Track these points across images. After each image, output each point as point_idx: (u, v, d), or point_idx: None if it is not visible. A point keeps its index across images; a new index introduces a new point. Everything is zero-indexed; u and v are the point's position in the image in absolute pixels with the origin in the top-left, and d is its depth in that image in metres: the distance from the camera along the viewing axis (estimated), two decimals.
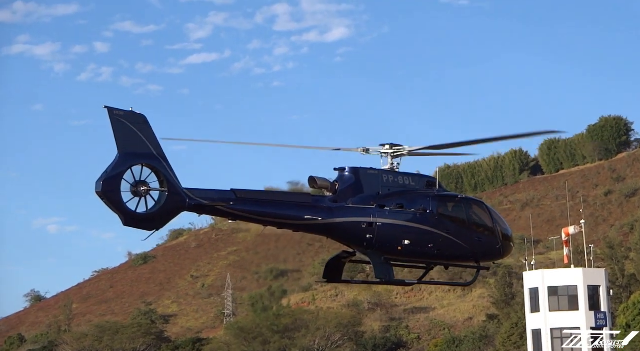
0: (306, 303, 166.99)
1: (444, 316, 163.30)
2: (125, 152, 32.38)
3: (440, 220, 37.48)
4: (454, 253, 37.98)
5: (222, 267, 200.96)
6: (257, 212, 35.10)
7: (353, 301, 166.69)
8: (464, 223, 38.19)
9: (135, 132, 32.48)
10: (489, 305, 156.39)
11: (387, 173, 37.54)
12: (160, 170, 32.87)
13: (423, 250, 37.25)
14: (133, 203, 32.43)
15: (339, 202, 36.36)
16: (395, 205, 36.89)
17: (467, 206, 38.61)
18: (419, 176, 38.27)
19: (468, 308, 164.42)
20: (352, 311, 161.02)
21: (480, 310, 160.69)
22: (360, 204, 36.46)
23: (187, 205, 33.48)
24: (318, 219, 35.83)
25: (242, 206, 34.73)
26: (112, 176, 32.05)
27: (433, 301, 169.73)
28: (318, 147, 39.78)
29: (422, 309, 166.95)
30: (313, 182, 36.62)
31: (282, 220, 35.84)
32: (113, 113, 32.21)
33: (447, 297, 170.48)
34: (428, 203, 37.39)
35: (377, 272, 36.92)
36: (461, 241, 37.90)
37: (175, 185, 33.15)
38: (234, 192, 34.65)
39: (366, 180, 36.91)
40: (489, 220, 38.87)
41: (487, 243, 38.67)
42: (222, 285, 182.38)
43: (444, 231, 37.51)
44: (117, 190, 32.08)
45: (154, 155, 32.81)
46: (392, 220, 36.63)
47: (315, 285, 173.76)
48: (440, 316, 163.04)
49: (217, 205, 34.24)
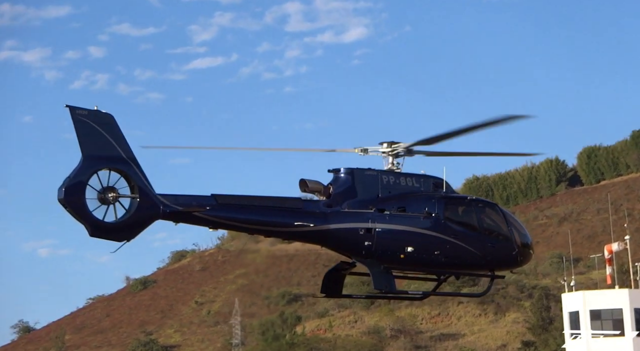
0: (322, 330, 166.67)
1: (474, 343, 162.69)
2: (90, 155, 32.03)
3: (447, 224, 37.03)
4: (464, 260, 37.49)
5: (229, 292, 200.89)
6: (240, 219, 34.64)
7: (374, 328, 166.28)
8: (475, 227, 37.75)
9: (101, 133, 32.09)
10: (524, 331, 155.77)
11: (387, 174, 37.09)
12: (131, 174, 32.49)
13: (429, 257, 36.73)
14: (100, 212, 32.11)
15: (333, 207, 35.96)
16: (397, 208, 36.43)
17: (478, 208, 38.12)
18: (424, 177, 37.80)
19: (501, 335, 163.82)
20: (373, 338, 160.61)
21: (515, 336, 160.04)
22: (357, 208, 36.05)
23: (162, 212, 33.09)
24: (310, 226, 35.36)
25: (223, 212, 34.22)
26: (75, 182, 31.74)
27: (462, 327, 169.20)
28: (310, 149, 39.66)
29: (450, 335, 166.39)
30: (304, 185, 36.27)
31: (269, 228, 35.35)
32: (75, 112, 31.92)
33: (478, 322, 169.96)
34: (433, 205, 36.91)
35: (376, 283, 36.34)
36: (472, 247, 37.42)
37: (147, 191, 32.77)
38: (215, 198, 34.25)
39: (364, 182, 36.44)
40: (503, 224, 38.43)
41: (501, 249, 38.22)
42: (229, 311, 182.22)
43: (452, 236, 37.01)
44: (82, 197, 31.76)
45: (122, 158, 32.42)
46: (392, 225, 36.19)
47: (332, 310, 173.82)
48: (471, 344, 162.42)
49: (195, 211, 33.76)
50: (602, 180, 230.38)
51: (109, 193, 32.18)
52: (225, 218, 34.38)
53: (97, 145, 32.03)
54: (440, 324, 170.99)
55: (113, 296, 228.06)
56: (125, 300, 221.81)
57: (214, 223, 34.44)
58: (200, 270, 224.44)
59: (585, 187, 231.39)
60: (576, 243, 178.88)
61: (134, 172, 32.55)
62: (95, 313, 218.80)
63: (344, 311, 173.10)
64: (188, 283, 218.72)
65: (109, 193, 32.19)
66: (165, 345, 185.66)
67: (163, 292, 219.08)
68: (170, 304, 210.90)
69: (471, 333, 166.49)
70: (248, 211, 34.69)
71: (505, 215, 38.80)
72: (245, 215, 34.63)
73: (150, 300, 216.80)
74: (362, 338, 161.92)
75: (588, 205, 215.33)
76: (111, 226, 32.22)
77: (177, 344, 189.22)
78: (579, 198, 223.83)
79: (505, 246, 38.27)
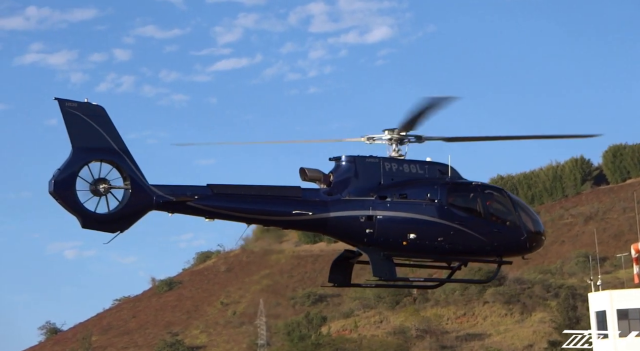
0: (347, 330, 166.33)
1: (500, 343, 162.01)
2: (80, 146, 31.86)
3: (451, 210, 36.55)
4: (469, 246, 37.02)
5: (254, 292, 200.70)
6: (236, 209, 34.34)
7: (399, 328, 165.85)
8: (480, 213, 37.24)
9: (91, 124, 31.91)
10: (550, 331, 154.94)
11: (390, 161, 36.70)
12: (122, 165, 32.36)
13: (432, 244, 36.29)
14: (92, 204, 32.04)
15: (334, 195, 35.67)
16: (398, 195, 36.04)
17: (484, 194, 37.60)
18: (428, 163, 37.40)
19: (527, 334, 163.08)
20: (399, 338, 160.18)
21: (541, 336, 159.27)
22: (358, 196, 35.71)
23: (155, 202, 32.96)
24: (308, 214, 35.03)
25: (219, 202, 33.98)
26: (65, 174, 31.65)
27: (488, 327, 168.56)
28: (318, 140, 39.28)
29: (476, 336, 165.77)
30: (303, 174, 36.08)
31: (267, 216, 35.01)
32: (65, 105, 31.76)
33: (504, 322, 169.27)
34: (436, 191, 36.48)
35: (375, 270, 36.00)
36: (477, 233, 36.94)
37: (139, 181, 32.65)
38: (211, 187, 34.06)
39: (365, 170, 36.11)
40: (510, 210, 37.91)
41: (508, 235, 37.70)
42: (254, 312, 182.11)
43: (456, 222, 36.53)
44: (72, 189, 31.69)
45: (114, 149, 32.26)
46: (394, 212, 35.79)
47: (357, 310, 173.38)
48: (497, 344, 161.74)
49: (188, 200, 33.51)
50: (628, 179, 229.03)
51: (100, 184, 32.07)
52: (221, 208, 34.11)
53: (87, 137, 31.85)
54: (466, 324, 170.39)
55: (139, 297, 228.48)
56: (151, 301, 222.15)
57: (210, 213, 34.17)
58: (225, 270, 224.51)
59: (611, 185, 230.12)
60: (602, 242, 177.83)
61: (125, 163, 32.39)
62: (122, 314, 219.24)
63: (369, 311, 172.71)
64: (213, 284, 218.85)
65: (101, 185, 32.08)
66: (191, 346, 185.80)
67: (189, 293, 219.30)
68: (195, 305, 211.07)
69: (497, 333, 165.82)
70: (245, 200, 34.40)
71: (512, 201, 38.28)
72: (241, 204, 34.35)
73: (176, 300, 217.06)
74: (387, 338, 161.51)
75: (614, 204, 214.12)
76: (103, 217, 32.11)
77: (203, 345, 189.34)
78: (604, 197, 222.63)
79: (512, 232, 37.72)
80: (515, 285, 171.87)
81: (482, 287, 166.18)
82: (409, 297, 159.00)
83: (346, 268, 37.59)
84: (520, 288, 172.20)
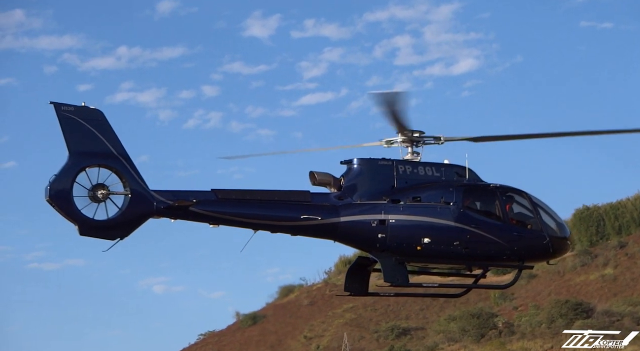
0: None
1: None
2: (77, 151, 30.98)
3: (467, 213, 35.14)
4: (487, 251, 35.48)
5: (337, 326, 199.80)
6: (241, 214, 33.16)
7: None
8: (498, 216, 35.74)
9: (88, 129, 31.11)
10: None
11: (403, 163, 35.49)
12: (122, 171, 31.49)
13: (448, 248, 34.84)
14: (91, 210, 31.07)
15: (345, 199, 34.45)
16: (412, 198, 34.75)
17: (502, 196, 36.06)
18: (445, 166, 36.09)
19: None
20: None
21: None
22: (370, 200, 34.51)
23: (155, 209, 31.94)
24: (317, 219, 33.77)
25: (223, 208, 32.84)
26: (61, 180, 30.74)
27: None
28: (336, 147, 38.21)
29: None
30: (313, 178, 34.90)
31: (274, 222, 33.73)
32: (60, 109, 30.82)
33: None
34: (451, 194, 35.11)
35: (386, 275, 34.60)
36: (495, 237, 35.42)
37: (139, 187, 31.73)
38: (215, 192, 32.92)
39: (377, 172, 34.99)
40: (532, 213, 36.30)
41: (530, 238, 36.07)
42: (338, 345, 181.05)
43: (472, 226, 35.06)
44: (69, 195, 30.76)
45: (113, 154, 31.43)
46: (407, 216, 34.54)
47: (441, 343, 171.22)
48: None
49: (189, 205, 32.38)
50: None
51: (98, 190, 31.16)
52: (226, 214, 32.97)
53: (84, 141, 31.03)
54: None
55: (223, 332, 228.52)
56: (236, 336, 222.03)
57: (214, 219, 32.98)
58: (308, 304, 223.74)
59: None
60: None
61: (124, 168, 31.51)
62: (206, 349, 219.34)
63: (453, 344, 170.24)
64: (296, 318, 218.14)
65: (99, 191, 31.17)
66: None
67: (272, 327, 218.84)
68: (279, 339, 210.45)
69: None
70: (250, 205, 33.30)
71: (534, 204, 36.56)
72: (246, 209, 33.24)
73: (260, 335, 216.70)
74: None
75: None
76: (102, 224, 31.18)
77: None
78: None
79: (534, 235, 36.15)
80: (604, 318, 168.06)
81: (569, 320, 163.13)
82: (494, 330, 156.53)
83: (363, 277, 36.32)
84: (609, 321, 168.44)
